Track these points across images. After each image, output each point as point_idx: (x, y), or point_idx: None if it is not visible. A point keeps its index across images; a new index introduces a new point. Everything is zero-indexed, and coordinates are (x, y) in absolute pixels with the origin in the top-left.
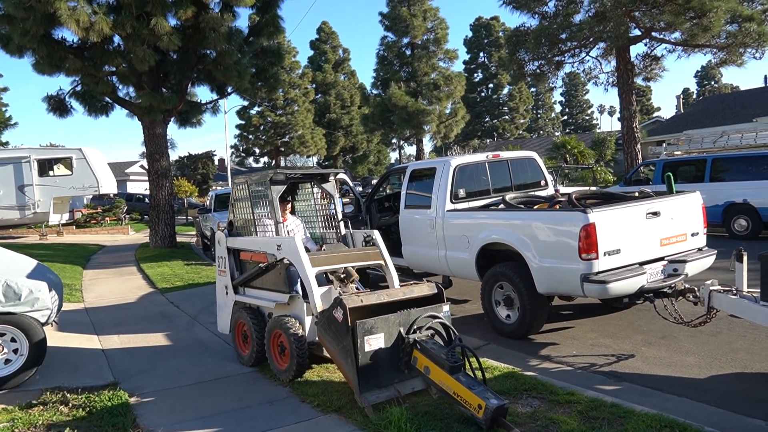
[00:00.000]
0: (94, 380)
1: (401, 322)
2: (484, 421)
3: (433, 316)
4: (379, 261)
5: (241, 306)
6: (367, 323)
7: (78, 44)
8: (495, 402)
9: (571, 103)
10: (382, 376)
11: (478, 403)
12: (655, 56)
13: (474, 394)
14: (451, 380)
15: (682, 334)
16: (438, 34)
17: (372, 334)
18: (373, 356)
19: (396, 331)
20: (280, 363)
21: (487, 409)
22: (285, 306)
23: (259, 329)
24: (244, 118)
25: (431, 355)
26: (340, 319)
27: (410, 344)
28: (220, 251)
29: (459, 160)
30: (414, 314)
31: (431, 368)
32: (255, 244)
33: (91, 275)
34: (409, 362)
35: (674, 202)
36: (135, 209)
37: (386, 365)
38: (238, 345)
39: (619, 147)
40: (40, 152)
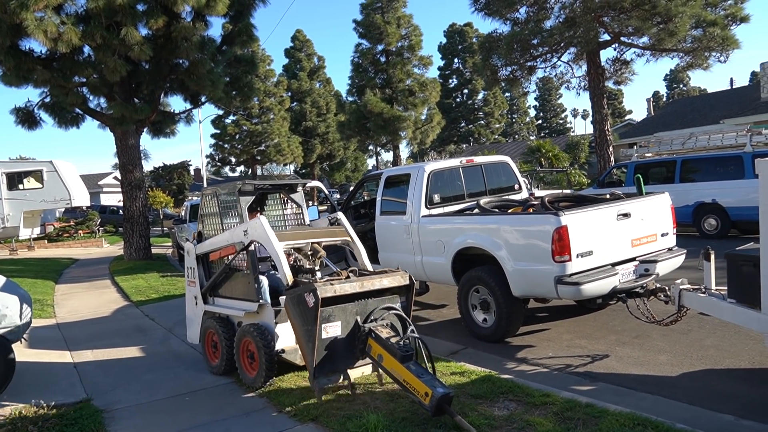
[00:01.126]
0: (65, 397)
1: (358, 311)
2: (429, 408)
3: (390, 307)
4: (346, 237)
5: (211, 315)
6: (325, 311)
7: (46, 55)
8: (441, 390)
9: (545, 108)
10: (337, 361)
11: (425, 390)
12: (625, 60)
13: (422, 382)
14: (401, 368)
15: (655, 333)
16: (412, 40)
17: (329, 322)
18: (330, 343)
19: (353, 320)
20: (249, 371)
21: (433, 397)
22: (254, 314)
23: (228, 338)
24: (219, 127)
25: (384, 344)
26: (310, 305)
27: (366, 333)
28: (189, 262)
29: (433, 166)
30: (371, 305)
31: (384, 356)
32: (222, 240)
33: (63, 290)
34: (364, 350)
35: (644, 203)
36: (109, 221)
37: (342, 352)
38: (208, 354)
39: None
40: (9, 165)
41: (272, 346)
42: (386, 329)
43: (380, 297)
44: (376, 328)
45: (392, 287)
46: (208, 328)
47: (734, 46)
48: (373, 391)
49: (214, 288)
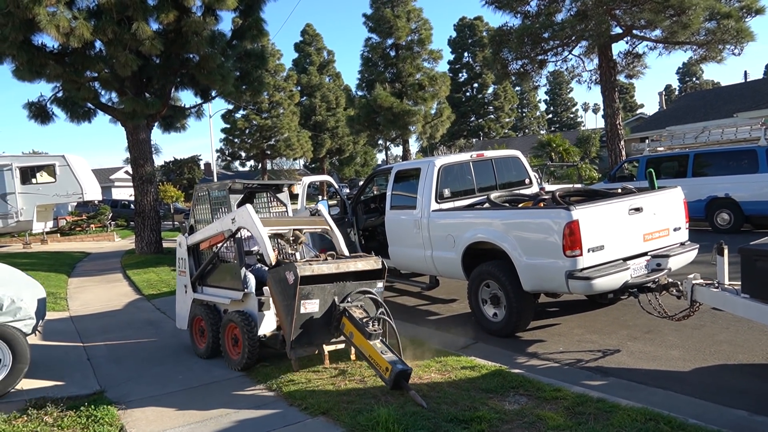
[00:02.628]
0: (79, 389)
1: (336, 293)
2: (388, 381)
3: (365, 291)
4: (325, 226)
5: (199, 303)
6: (305, 289)
7: (59, 50)
8: (400, 367)
9: (556, 102)
10: (314, 336)
11: (386, 365)
12: (637, 54)
13: (384, 358)
14: (368, 345)
15: (667, 328)
16: (422, 34)
17: (309, 299)
18: (308, 320)
19: (331, 300)
20: (233, 354)
21: (392, 371)
22: (239, 302)
23: (214, 324)
24: (229, 121)
25: (355, 323)
26: (290, 282)
27: (340, 312)
28: (180, 253)
29: (443, 160)
30: (349, 287)
31: (354, 334)
32: (212, 229)
33: (76, 283)
34: (338, 327)
35: (656, 197)
36: (120, 215)
37: (319, 328)
38: (196, 339)
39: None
40: (23, 160)
41: (255, 332)
42: (359, 310)
43: (360, 281)
44: (350, 308)
45: (366, 270)
46: (196, 314)
47: (749, 38)
48: (384, 386)
49: (202, 277)
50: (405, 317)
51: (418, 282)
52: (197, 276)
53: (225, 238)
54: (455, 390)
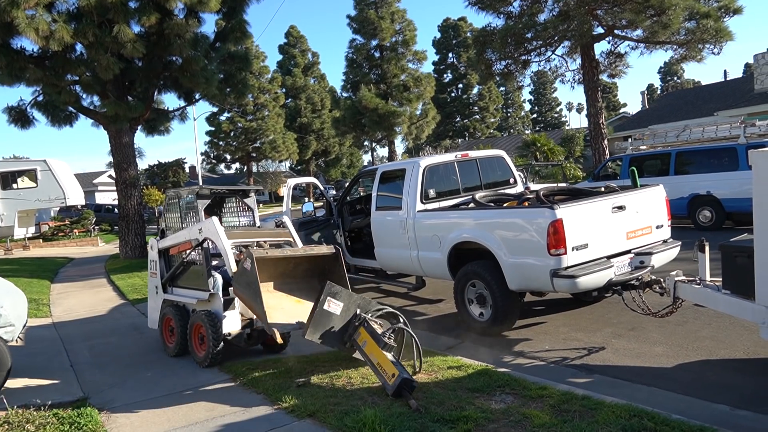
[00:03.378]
0: (62, 396)
1: (361, 305)
2: (392, 387)
3: (392, 313)
4: (288, 238)
5: (169, 303)
6: (334, 288)
7: (38, 53)
8: (406, 376)
9: (540, 101)
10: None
11: (393, 372)
12: (619, 53)
13: (393, 365)
14: (380, 352)
15: (651, 324)
16: (406, 35)
17: (335, 299)
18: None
19: (354, 309)
20: (199, 351)
21: (397, 378)
22: (206, 302)
23: (183, 323)
24: (213, 124)
25: (372, 332)
26: (249, 267)
27: (361, 320)
28: (152, 255)
29: (428, 161)
30: (374, 305)
31: (368, 342)
32: (181, 237)
33: (59, 289)
34: (353, 335)
35: (638, 195)
36: (104, 220)
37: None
38: (165, 338)
39: (587, 143)
40: (3, 165)
41: (219, 330)
42: (378, 325)
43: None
44: (370, 320)
45: (320, 254)
46: (166, 314)
47: (728, 38)
48: (371, 387)
49: (172, 279)
50: None
51: (404, 283)
52: (167, 278)
53: (192, 246)
54: (442, 390)
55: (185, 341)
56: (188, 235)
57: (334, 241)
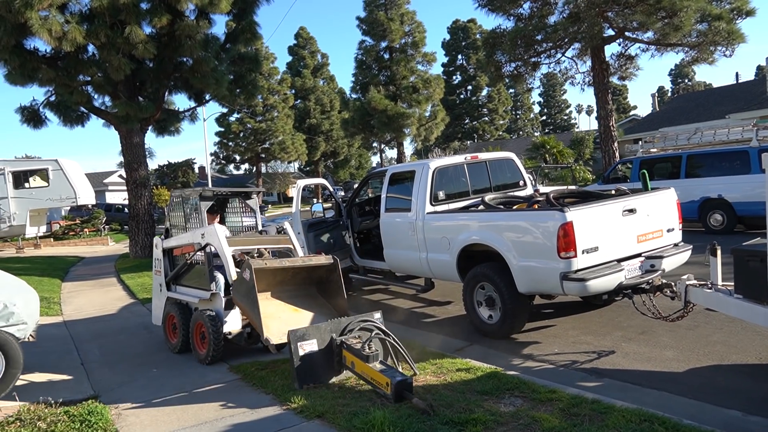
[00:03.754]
0: (73, 394)
1: (333, 329)
2: (391, 395)
3: (365, 320)
4: (289, 245)
5: (172, 301)
6: (298, 331)
7: (51, 54)
8: (398, 378)
9: (550, 104)
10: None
11: (385, 381)
12: (630, 55)
13: (383, 374)
14: (368, 368)
15: (661, 329)
16: (416, 37)
17: (305, 340)
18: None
19: (328, 337)
20: (200, 348)
21: (391, 385)
22: (207, 301)
23: (185, 321)
24: (223, 125)
25: (353, 351)
26: (248, 278)
27: (338, 345)
28: (156, 254)
29: (438, 163)
30: (344, 321)
31: (355, 362)
32: (184, 239)
33: (69, 288)
34: (341, 361)
35: (649, 199)
36: (114, 219)
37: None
38: (168, 334)
39: (597, 146)
40: (15, 164)
41: (220, 329)
42: (356, 339)
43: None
44: (346, 340)
45: (318, 265)
46: (170, 312)
47: (740, 40)
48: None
49: (176, 278)
50: (401, 320)
51: (413, 284)
52: (171, 277)
53: (195, 249)
54: (450, 392)
55: (188, 338)
56: (191, 238)
57: (343, 242)
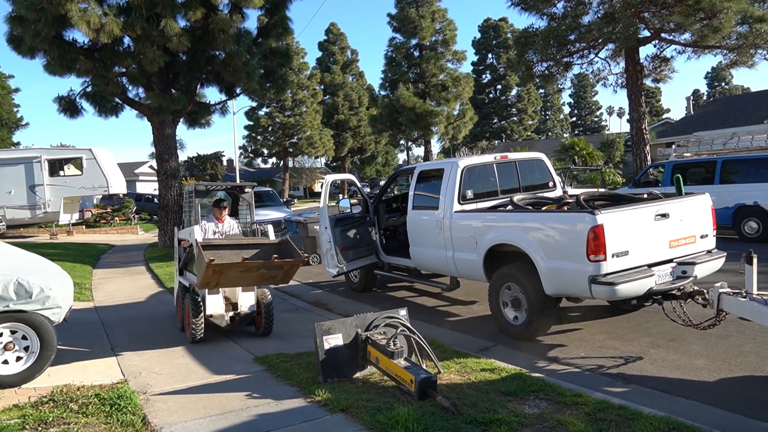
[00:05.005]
0: (103, 378)
1: (358, 324)
2: (415, 393)
3: (390, 317)
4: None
5: (181, 286)
6: (325, 325)
7: (89, 45)
8: (423, 375)
9: (580, 105)
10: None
11: (410, 378)
12: (665, 57)
13: (407, 371)
14: (392, 364)
15: (691, 336)
16: (446, 35)
17: (330, 334)
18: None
19: (354, 332)
20: (189, 328)
21: (415, 382)
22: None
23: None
24: (252, 119)
25: (378, 347)
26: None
27: (363, 340)
28: (174, 242)
29: (467, 161)
30: (369, 317)
31: (380, 358)
32: (185, 234)
33: (100, 274)
34: (365, 356)
35: (683, 203)
36: (144, 209)
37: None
38: (178, 314)
39: (628, 149)
40: (51, 152)
41: (201, 310)
42: (381, 335)
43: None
44: (372, 335)
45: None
46: (179, 295)
47: None
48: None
49: (185, 265)
50: (425, 318)
51: (438, 283)
52: (182, 264)
53: (188, 244)
54: (474, 392)
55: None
56: (186, 234)
57: (369, 238)
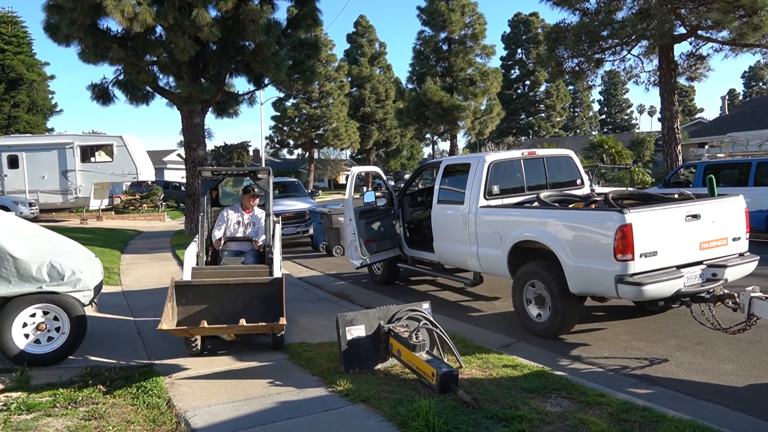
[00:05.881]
0: (130, 360)
1: (381, 316)
2: (436, 386)
3: (413, 309)
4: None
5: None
6: (347, 315)
7: (122, 34)
8: (445, 369)
9: (610, 102)
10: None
11: (431, 371)
12: (701, 55)
13: (429, 365)
14: (414, 357)
15: (720, 340)
16: (476, 29)
17: (353, 325)
18: (356, 343)
19: (376, 324)
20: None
21: (437, 375)
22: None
23: None
24: (279, 109)
25: (400, 339)
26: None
27: (386, 332)
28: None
29: (494, 156)
30: (392, 309)
31: (402, 351)
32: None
33: (128, 259)
34: (387, 348)
35: (716, 205)
36: (171, 197)
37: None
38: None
39: (658, 148)
40: (83, 139)
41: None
42: (404, 328)
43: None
44: (394, 328)
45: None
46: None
47: None
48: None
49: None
50: (447, 312)
51: (461, 278)
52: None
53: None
54: (496, 388)
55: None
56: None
57: (392, 231)
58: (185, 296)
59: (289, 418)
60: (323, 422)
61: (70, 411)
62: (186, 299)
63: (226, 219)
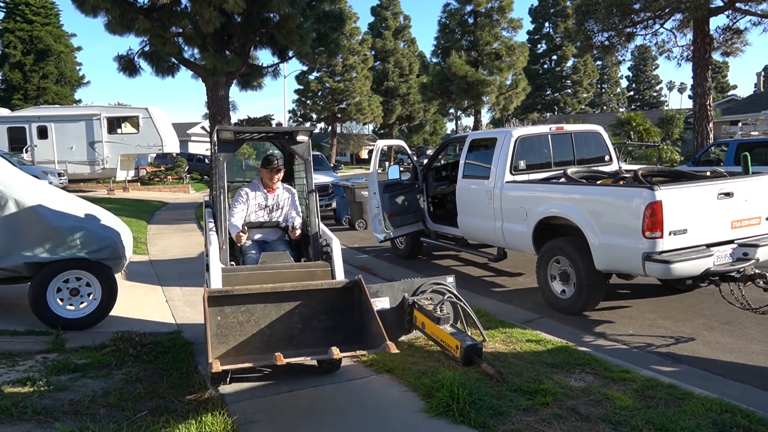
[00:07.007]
0: (158, 327)
1: (405, 289)
2: (460, 359)
3: (437, 283)
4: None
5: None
6: (372, 288)
7: (148, 5)
8: (469, 342)
9: (639, 79)
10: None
11: (456, 344)
12: (738, 29)
13: (453, 337)
14: (438, 329)
15: (749, 320)
16: (503, 2)
17: (378, 297)
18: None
19: (401, 296)
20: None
21: (461, 348)
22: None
23: None
24: (302, 83)
25: (425, 312)
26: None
27: (410, 305)
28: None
29: (521, 131)
30: (417, 282)
31: (426, 323)
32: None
33: (154, 230)
34: (411, 320)
35: (750, 183)
36: (195, 169)
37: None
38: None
39: (688, 126)
40: (110, 110)
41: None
42: (428, 301)
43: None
44: (419, 300)
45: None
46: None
47: None
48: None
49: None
50: (470, 287)
51: (485, 253)
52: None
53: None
54: (520, 362)
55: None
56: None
57: (416, 205)
58: (221, 311)
59: (315, 386)
60: (349, 390)
61: (104, 373)
62: (222, 315)
63: (246, 201)
